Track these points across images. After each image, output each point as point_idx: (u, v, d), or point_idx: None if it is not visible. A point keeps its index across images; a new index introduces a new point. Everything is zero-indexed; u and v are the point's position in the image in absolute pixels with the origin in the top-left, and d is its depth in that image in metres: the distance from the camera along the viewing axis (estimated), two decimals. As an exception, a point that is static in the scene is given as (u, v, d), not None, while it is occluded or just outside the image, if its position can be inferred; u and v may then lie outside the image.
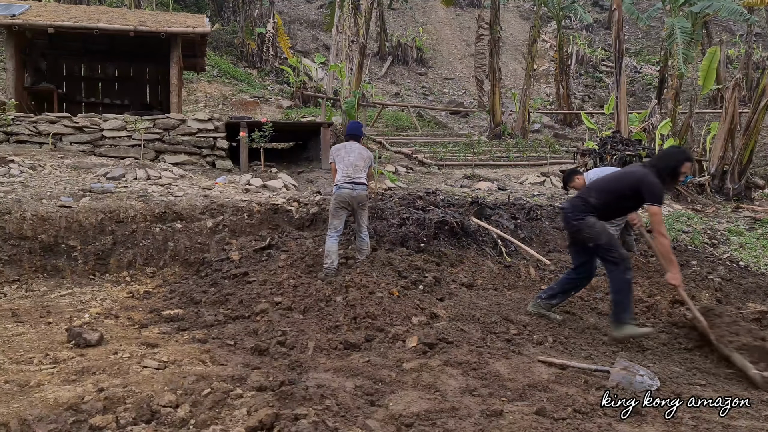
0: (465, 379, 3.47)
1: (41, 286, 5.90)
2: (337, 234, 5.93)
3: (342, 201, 5.88)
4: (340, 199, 5.88)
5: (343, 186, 5.87)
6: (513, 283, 6.02)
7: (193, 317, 4.88)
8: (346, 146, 6.10)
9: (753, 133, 11.09)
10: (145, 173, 8.78)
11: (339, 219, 5.94)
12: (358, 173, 5.92)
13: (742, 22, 19.71)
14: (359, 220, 6.08)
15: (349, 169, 5.91)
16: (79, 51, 13.71)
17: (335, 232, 5.91)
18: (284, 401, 3.03)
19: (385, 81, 26.84)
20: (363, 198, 5.95)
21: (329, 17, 20.54)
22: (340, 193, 5.87)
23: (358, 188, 5.89)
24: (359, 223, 6.10)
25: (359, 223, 6.09)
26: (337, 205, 5.92)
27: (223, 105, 19.26)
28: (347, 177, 5.89)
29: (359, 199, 5.91)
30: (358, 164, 5.95)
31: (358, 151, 6.07)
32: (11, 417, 2.78)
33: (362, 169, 5.98)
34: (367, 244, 6.16)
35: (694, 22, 15.13)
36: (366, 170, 6.07)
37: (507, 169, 13.62)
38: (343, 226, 6.03)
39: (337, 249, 5.88)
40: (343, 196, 5.86)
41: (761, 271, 7.16)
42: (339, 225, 5.94)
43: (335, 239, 5.90)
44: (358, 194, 5.88)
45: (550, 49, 29.47)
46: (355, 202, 5.90)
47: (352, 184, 5.87)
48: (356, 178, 5.89)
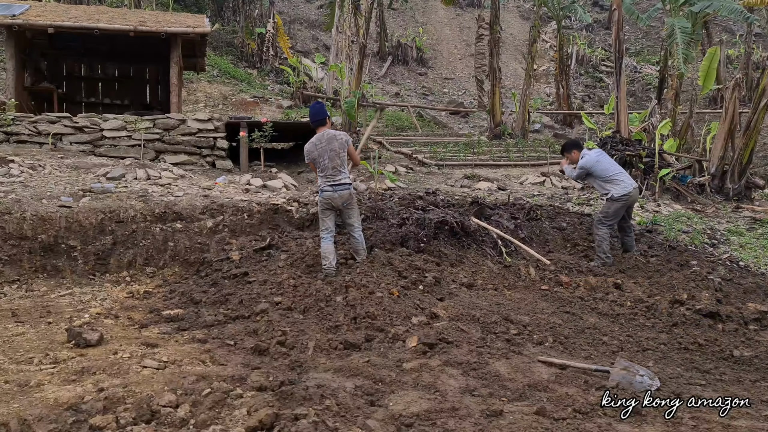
0: (465, 379, 3.47)
1: (41, 286, 5.90)
2: (331, 234, 5.91)
3: (326, 203, 5.88)
4: (324, 201, 5.88)
5: (325, 189, 5.84)
6: (513, 283, 6.02)
7: (193, 317, 4.88)
8: (317, 145, 5.88)
9: (753, 133, 11.08)
10: (145, 173, 8.78)
11: (328, 219, 5.92)
12: (338, 173, 5.81)
13: (742, 22, 19.71)
14: (348, 221, 6.00)
15: (327, 171, 5.82)
16: (79, 51, 13.71)
17: (328, 233, 5.90)
18: (284, 401, 3.03)
19: (385, 81, 26.84)
20: (346, 197, 5.87)
21: (329, 17, 20.55)
22: (323, 196, 5.87)
23: (339, 189, 5.81)
24: (349, 224, 6.01)
25: (349, 223, 6.01)
26: (323, 207, 5.91)
27: (223, 105, 19.27)
28: (326, 180, 5.83)
29: (343, 199, 5.85)
30: (334, 164, 5.80)
31: (330, 146, 5.80)
32: (11, 417, 2.78)
33: (340, 165, 5.82)
34: (361, 244, 6.06)
35: (694, 22, 15.13)
36: (345, 163, 5.90)
37: (507, 169, 13.62)
38: (334, 225, 6.01)
39: (333, 249, 5.86)
40: (326, 198, 5.85)
41: (761, 271, 7.16)
42: (330, 225, 5.92)
43: (329, 240, 5.88)
44: (340, 195, 5.81)
45: (550, 49, 29.47)
46: (338, 203, 5.85)
47: (332, 187, 5.80)
48: (336, 179, 5.80)
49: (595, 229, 7.03)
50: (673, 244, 7.69)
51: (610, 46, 27.86)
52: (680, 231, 8.55)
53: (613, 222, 6.99)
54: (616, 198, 6.87)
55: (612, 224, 6.99)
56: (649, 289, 6.00)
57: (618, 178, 6.95)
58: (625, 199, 6.87)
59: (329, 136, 5.90)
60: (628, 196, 6.88)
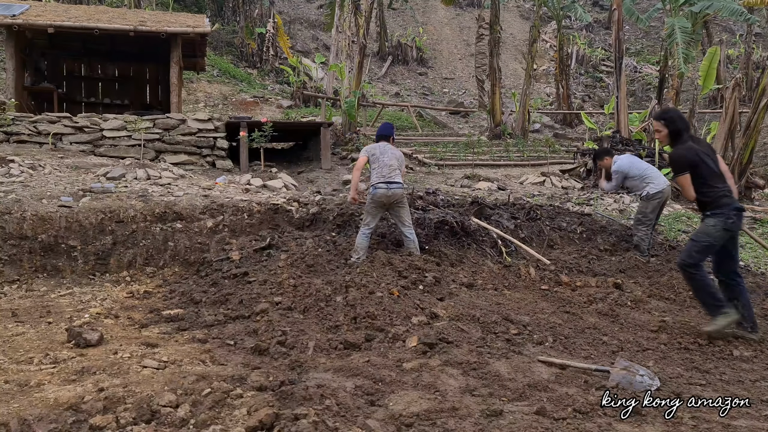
0: (465, 379, 3.47)
1: (41, 286, 5.90)
2: (370, 231, 6.11)
3: (378, 200, 6.04)
4: (376, 198, 6.04)
5: (378, 186, 6.02)
6: (513, 283, 6.02)
7: (193, 317, 4.88)
8: (379, 146, 6.26)
9: (753, 133, 11.09)
10: (145, 173, 8.78)
11: (374, 217, 6.13)
12: (393, 172, 6.07)
13: (742, 22, 19.72)
14: (400, 220, 6.20)
15: (383, 169, 6.07)
16: (79, 51, 13.72)
17: (368, 229, 6.10)
18: (284, 401, 3.03)
19: (385, 81, 26.84)
20: (399, 196, 6.08)
21: (329, 17, 20.55)
22: (375, 192, 6.03)
23: (393, 187, 6.02)
24: (401, 223, 6.21)
25: (401, 222, 6.21)
26: (374, 204, 6.08)
27: (223, 105, 19.27)
28: (382, 177, 6.05)
29: (395, 197, 6.05)
30: (392, 164, 6.11)
31: (391, 152, 6.23)
32: (11, 417, 2.78)
33: (396, 168, 6.13)
34: (414, 243, 6.22)
35: (694, 22, 15.14)
36: (401, 169, 6.22)
37: (507, 169, 13.62)
38: (376, 224, 6.20)
39: (367, 246, 6.07)
40: (378, 195, 6.01)
41: (761, 271, 7.16)
42: (372, 223, 6.12)
43: (367, 236, 6.09)
44: (393, 193, 6.02)
45: (550, 49, 29.47)
46: (390, 200, 6.04)
47: (387, 184, 6.01)
48: (391, 177, 6.04)
49: (635, 231, 7.30)
50: (673, 244, 7.69)
51: (610, 46, 27.85)
52: (680, 231, 8.55)
53: (652, 220, 7.19)
54: (651, 195, 7.10)
55: (651, 224, 7.19)
56: (649, 289, 5.99)
57: (651, 175, 7.20)
58: (659, 196, 7.11)
59: (391, 147, 6.33)
60: (662, 193, 7.13)
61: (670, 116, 4.83)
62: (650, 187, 7.10)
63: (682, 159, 4.65)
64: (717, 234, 4.58)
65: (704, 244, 4.61)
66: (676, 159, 4.71)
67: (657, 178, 7.20)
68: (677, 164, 4.70)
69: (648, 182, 7.14)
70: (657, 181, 7.14)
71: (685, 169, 4.61)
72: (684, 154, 4.65)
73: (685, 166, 4.62)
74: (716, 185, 4.64)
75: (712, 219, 4.61)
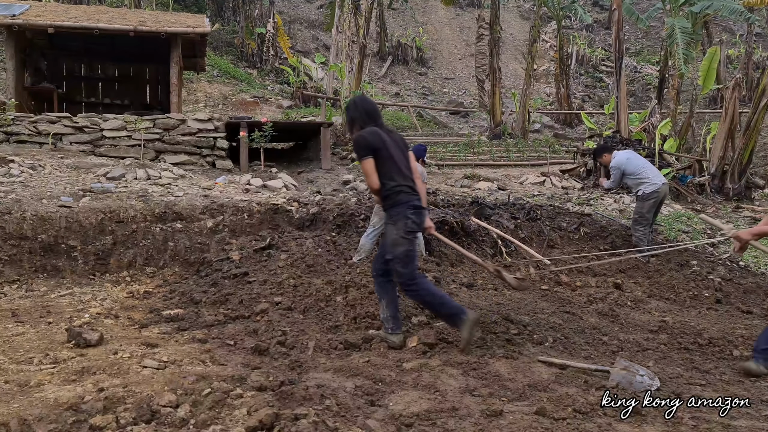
0: (465, 379, 3.47)
1: (41, 286, 5.89)
2: (377, 233, 6.13)
3: None
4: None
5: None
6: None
7: (193, 317, 4.88)
8: None
9: (753, 133, 11.09)
10: (145, 173, 8.78)
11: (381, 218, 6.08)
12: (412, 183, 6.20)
13: (743, 22, 19.72)
14: None
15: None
16: (79, 51, 13.71)
17: (375, 231, 6.14)
18: (284, 401, 3.02)
19: (385, 81, 26.84)
20: None
21: (329, 17, 20.54)
22: None
23: None
24: None
25: None
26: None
27: (223, 105, 19.27)
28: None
29: None
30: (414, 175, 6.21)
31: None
32: (11, 417, 2.77)
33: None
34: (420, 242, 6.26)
35: (694, 22, 15.13)
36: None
37: (507, 169, 13.62)
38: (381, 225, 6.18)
39: (370, 249, 6.12)
40: None
41: (761, 271, 7.16)
42: (379, 224, 6.12)
43: (372, 239, 6.15)
44: None
45: (550, 49, 29.47)
46: None
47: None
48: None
49: (633, 231, 7.28)
50: (673, 243, 7.69)
51: (610, 46, 27.85)
52: (680, 231, 8.55)
53: (649, 220, 7.15)
54: (646, 195, 7.05)
55: (648, 223, 7.15)
56: (649, 289, 6.00)
57: (646, 174, 7.13)
58: (654, 196, 7.05)
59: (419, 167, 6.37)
60: (658, 192, 7.06)
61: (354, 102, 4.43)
62: (645, 186, 7.05)
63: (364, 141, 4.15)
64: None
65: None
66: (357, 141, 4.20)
67: (653, 177, 7.13)
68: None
69: (643, 181, 7.09)
70: (652, 180, 7.08)
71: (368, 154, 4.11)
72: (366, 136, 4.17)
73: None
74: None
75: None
